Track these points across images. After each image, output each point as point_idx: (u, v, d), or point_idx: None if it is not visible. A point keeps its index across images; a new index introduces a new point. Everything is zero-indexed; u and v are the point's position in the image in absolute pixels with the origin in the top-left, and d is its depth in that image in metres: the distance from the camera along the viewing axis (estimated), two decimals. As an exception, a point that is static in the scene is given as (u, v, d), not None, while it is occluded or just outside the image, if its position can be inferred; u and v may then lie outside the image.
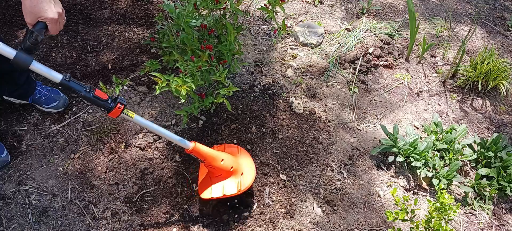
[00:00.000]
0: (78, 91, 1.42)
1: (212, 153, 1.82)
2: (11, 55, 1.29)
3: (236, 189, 1.86)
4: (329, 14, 3.26)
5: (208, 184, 1.92)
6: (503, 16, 3.50)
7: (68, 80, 1.39)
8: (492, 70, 2.70)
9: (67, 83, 1.39)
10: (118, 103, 1.49)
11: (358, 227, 2.03)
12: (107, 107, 1.48)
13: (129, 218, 1.92)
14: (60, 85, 1.40)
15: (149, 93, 2.44)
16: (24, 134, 2.15)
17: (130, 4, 2.98)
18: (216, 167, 1.84)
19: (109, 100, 1.49)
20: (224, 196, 1.85)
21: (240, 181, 1.89)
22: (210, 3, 2.06)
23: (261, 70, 2.72)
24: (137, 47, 2.67)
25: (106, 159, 2.12)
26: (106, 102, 1.48)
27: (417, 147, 2.27)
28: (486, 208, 2.21)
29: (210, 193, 1.87)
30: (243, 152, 2.06)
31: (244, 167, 1.96)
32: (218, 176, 1.90)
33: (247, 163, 1.99)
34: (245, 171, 1.94)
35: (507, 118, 2.73)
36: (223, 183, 1.88)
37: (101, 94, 1.47)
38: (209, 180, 1.94)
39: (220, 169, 1.86)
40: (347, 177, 2.23)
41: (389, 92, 2.74)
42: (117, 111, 1.50)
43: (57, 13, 1.32)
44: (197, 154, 1.77)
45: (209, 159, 1.81)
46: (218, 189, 1.87)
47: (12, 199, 1.92)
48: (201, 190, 1.93)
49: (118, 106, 1.49)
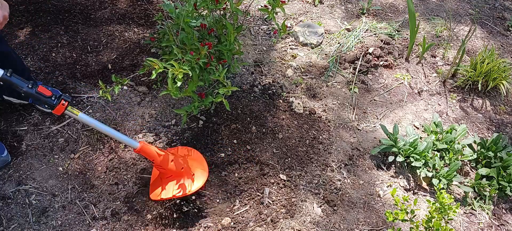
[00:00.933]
0: (20, 86, 1.40)
1: (161, 154, 1.78)
2: None
3: (187, 190, 1.83)
4: (329, 14, 3.26)
5: (158, 185, 1.89)
6: (503, 16, 3.50)
7: (10, 75, 1.38)
8: (492, 70, 2.70)
9: (8, 78, 1.37)
10: (62, 99, 1.46)
11: (358, 227, 2.03)
12: (51, 104, 1.45)
13: (129, 218, 1.92)
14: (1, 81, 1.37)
15: (149, 93, 2.44)
16: (24, 134, 2.15)
17: (130, 4, 2.98)
18: (165, 167, 1.81)
19: (52, 97, 1.46)
20: (174, 197, 1.84)
21: (191, 182, 1.86)
22: (210, 3, 2.06)
23: (261, 70, 2.72)
24: (137, 47, 2.67)
25: (106, 159, 2.12)
26: (49, 99, 1.45)
27: (417, 147, 2.27)
28: (486, 208, 2.21)
29: (159, 195, 1.85)
30: (195, 153, 2.04)
31: (196, 168, 1.93)
32: (168, 177, 1.87)
33: (199, 164, 1.96)
34: (197, 172, 1.90)
35: (507, 118, 2.73)
36: (173, 184, 1.86)
37: (45, 90, 1.43)
38: (159, 180, 1.91)
39: (169, 170, 1.83)
40: (347, 177, 2.23)
41: (389, 92, 2.74)
42: (61, 108, 1.47)
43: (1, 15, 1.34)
44: (145, 154, 1.74)
45: (158, 160, 1.77)
46: (168, 191, 1.84)
47: (12, 199, 1.92)
48: (151, 191, 1.91)
49: (61, 103, 1.46)
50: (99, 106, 2.33)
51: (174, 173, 1.86)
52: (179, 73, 1.80)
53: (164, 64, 1.83)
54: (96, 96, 2.36)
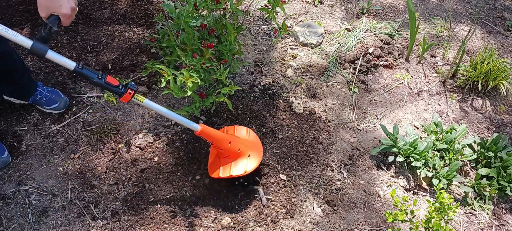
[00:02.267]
0: (91, 77, 1.51)
1: (220, 135, 1.92)
2: (28, 45, 1.38)
3: (243, 170, 1.94)
4: (329, 14, 3.26)
5: (217, 165, 2.01)
6: (503, 16, 3.50)
7: (81, 67, 1.48)
8: (492, 70, 2.70)
9: (80, 70, 1.48)
10: (128, 88, 1.57)
11: (358, 227, 2.03)
12: (119, 93, 1.56)
13: (129, 218, 1.92)
14: (74, 73, 1.48)
15: (149, 93, 2.44)
16: (24, 134, 2.15)
17: (130, 4, 2.98)
18: (224, 148, 1.94)
19: (120, 86, 1.57)
20: (231, 176, 1.93)
21: (247, 163, 1.96)
22: (210, 3, 2.06)
23: (261, 70, 2.72)
24: (137, 47, 2.67)
25: (106, 159, 2.12)
26: (117, 88, 1.56)
27: (417, 147, 2.27)
28: (486, 208, 2.21)
29: (218, 173, 1.96)
30: (251, 134, 2.14)
31: (251, 149, 2.03)
32: (226, 157, 1.99)
33: (255, 145, 2.07)
34: (252, 153, 2.01)
35: (507, 118, 2.73)
36: (231, 164, 1.97)
37: (112, 80, 1.55)
38: (218, 160, 2.03)
39: (227, 151, 1.96)
40: (347, 177, 2.23)
41: (389, 92, 2.74)
42: (128, 96, 1.58)
43: (70, 8, 1.39)
44: (206, 136, 1.85)
45: (217, 141, 1.90)
46: (226, 170, 1.96)
47: (12, 199, 1.92)
48: (210, 170, 2.03)
49: (128, 92, 1.57)
50: (99, 106, 2.33)
51: (231, 154, 1.97)
52: (189, 81, 1.83)
53: (173, 72, 1.85)
54: (96, 96, 2.36)
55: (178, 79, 1.83)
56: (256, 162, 1.98)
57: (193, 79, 1.84)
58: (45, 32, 1.39)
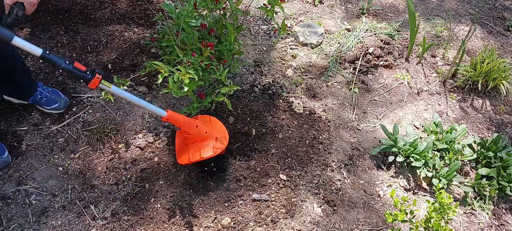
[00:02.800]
0: (58, 63, 1.49)
1: (187, 120, 1.91)
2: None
3: (212, 151, 1.95)
4: (329, 14, 3.26)
5: (185, 150, 2.01)
6: (503, 16, 3.50)
7: (48, 53, 1.47)
8: (492, 70, 2.70)
9: (47, 56, 1.47)
10: (96, 73, 1.56)
11: (358, 227, 2.03)
12: (86, 79, 1.55)
13: (129, 218, 1.92)
14: (41, 59, 1.46)
15: (149, 93, 2.44)
16: (24, 134, 2.15)
17: (130, 4, 2.98)
18: (191, 132, 1.94)
19: (87, 71, 1.55)
20: (201, 158, 1.94)
21: (215, 144, 1.98)
22: (210, 3, 2.06)
23: (261, 70, 2.72)
24: (137, 47, 2.67)
25: (106, 159, 2.12)
26: (85, 74, 1.55)
27: (417, 147, 2.27)
28: (486, 208, 2.21)
29: (188, 158, 1.96)
30: (214, 120, 2.16)
31: (218, 132, 2.06)
32: (194, 142, 1.98)
33: (220, 128, 2.10)
34: (219, 135, 2.03)
35: (507, 118, 2.73)
36: (199, 146, 1.97)
37: (80, 66, 1.54)
38: (185, 146, 2.03)
39: (195, 134, 1.95)
40: (347, 177, 2.23)
41: (389, 92, 2.74)
42: (96, 81, 1.56)
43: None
44: (173, 121, 1.84)
45: (184, 125, 1.89)
46: (196, 153, 1.96)
47: (12, 199, 1.92)
48: (179, 156, 2.03)
49: (96, 77, 1.56)
50: (99, 106, 2.33)
51: (199, 137, 1.98)
52: (186, 78, 1.82)
53: (170, 68, 1.84)
54: (96, 96, 2.36)
55: (175, 76, 1.83)
56: (224, 143, 2.01)
57: (190, 75, 1.84)
58: (12, 17, 1.38)
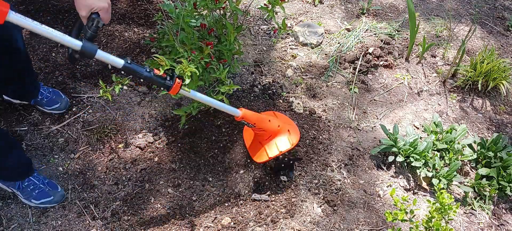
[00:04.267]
0: (140, 73, 1.50)
1: (260, 116, 1.92)
2: (78, 47, 1.35)
3: (289, 143, 1.94)
4: (329, 14, 3.26)
5: (259, 147, 2.01)
6: (503, 16, 3.50)
7: (130, 63, 1.47)
8: (492, 70, 2.70)
9: (129, 66, 1.47)
10: (176, 78, 1.55)
11: (358, 227, 2.03)
12: (167, 86, 1.55)
13: (129, 218, 1.92)
14: (123, 70, 1.47)
15: (149, 93, 2.44)
16: (24, 134, 2.15)
17: (130, 4, 2.98)
18: (265, 128, 1.94)
19: (167, 78, 1.56)
20: (280, 153, 1.94)
21: (289, 137, 1.97)
22: (209, 3, 2.05)
23: (261, 70, 2.72)
24: (137, 47, 2.67)
25: (106, 159, 2.12)
26: (165, 80, 1.55)
27: (417, 147, 2.27)
28: (486, 208, 2.21)
29: (266, 155, 1.95)
30: (279, 114, 2.16)
31: (288, 125, 2.05)
32: (268, 138, 1.98)
33: (288, 121, 2.10)
34: (290, 128, 2.02)
35: (507, 118, 2.73)
36: (275, 141, 1.96)
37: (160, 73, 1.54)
38: (259, 143, 2.02)
39: (269, 130, 1.96)
40: (347, 177, 2.23)
41: (389, 92, 2.74)
42: (177, 86, 1.55)
43: (107, 1, 1.40)
44: (247, 119, 1.85)
45: (258, 122, 1.90)
46: (273, 149, 1.95)
47: (12, 199, 1.92)
48: (254, 155, 2.02)
49: (177, 82, 1.55)
50: (99, 106, 2.33)
51: (273, 132, 1.97)
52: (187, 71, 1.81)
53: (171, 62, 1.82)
54: (96, 96, 2.36)
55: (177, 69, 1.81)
56: (297, 135, 1.99)
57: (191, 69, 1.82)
58: (92, 29, 1.38)
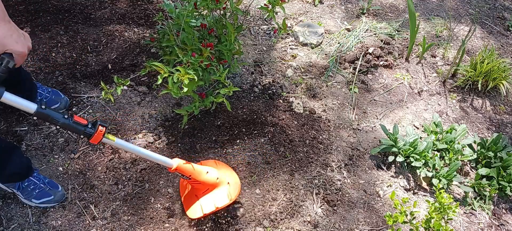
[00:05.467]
0: (56, 119, 1.32)
1: (196, 168, 1.74)
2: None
3: (228, 199, 1.78)
4: (329, 14, 3.26)
5: (194, 200, 1.83)
6: (503, 16, 3.50)
7: (44, 108, 1.29)
8: (492, 70, 2.70)
9: (43, 111, 1.29)
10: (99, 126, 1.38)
11: (358, 227, 2.03)
12: (88, 134, 1.38)
13: (129, 218, 1.92)
14: (36, 115, 1.29)
15: (149, 93, 2.44)
16: (24, 134, 2.15)
17: (130, 4, 2.98)
18: (202, 181, 1.76)
19: (89, 125, 1.39)
20: (217, 209, 1.78)
21: (229, 190, 1.81)
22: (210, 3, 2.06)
23: (261, 70, 2.72)
24: (137, 47, 2.67)
25: (106, 159, 2.12)
26: (86, 128, 1.38)
27: (417, 147, 2.27)
28: (486, 208, 2.21)
29: (201, 210, 1.79)
30: (220, 163, 2.01)
31: (228, 176, 1.89)
32: (205, 191, 1.82)
33: (228, 172, 1.93)
34: (230, 181, 1.87)
35: (507, 118, 2.73)
36: (212, 195, 1.80)
37: (80, 119, 1.37)
38: (194, 197, 1.85)
39: (206, 183, 1.79)
40: (347, 177, 2.23)
41: (389, 92, 2.74)
42: (99, 135, 1.39)
43: (27, 48, 1.30)
44: (182, 171, 1.70)
45: (195, 174, 1.73)
46: (209, 204, 1.79)
47: (12, 199, 1.92)
48: (187, 208, 1.84)
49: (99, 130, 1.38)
50: (99, 106, 2.33)
51: (210, 185, 1.81)
52: (185, 78, 1.80)
53: (169, 69, 1.83)
54: (96, 96, 2.36)
55: (175, 77, 1.81)
56: (237, 187, 1.84)
57: (190, 76, 1.82)
58: (1, 69, 1.21)
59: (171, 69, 1.85)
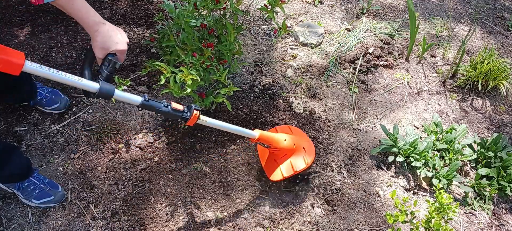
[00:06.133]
0: (158, 108, 1.47)
1: (275, 136, 1.92)
2: (95, 89, 1.33)
3: (304, 163, 1.95)
4: (329, 14, 3.26)
5: (275, 166, 2.00)
6: (503, 16, 3.50)
7: (148, 100, 1.44)
8: (492, 70, 2.70)
9: (147, 103, 1.44)
10: (193, 110, 1.53)
11: (358, 227, 2.03)
12: (185, 118, 1.53)
13: (129, 218, 1.92)
14: (141, 106, 1.43)
15: (149, 93, 2.44)
16: (24, 134, 2.15)
17: (130, 4, 2.98)
18: (281, 148, 1.94)
19: (185, 110, 1.54)
20: (295, 172, 1.95)
21: (304, 155, 1.98)
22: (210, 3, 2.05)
23: (261, 70, 2.72)
24: (137, 47, 2.67)
25: (106, 159, 2.12)
26: (183, 113, 1.53)
27: (417, 147, 2.27)
28: (486, 208, 2.21)
29: (281, 174, 1.96)
30: (295, 129, 2.15)
31: (303, 142, 2.04)
32: (283, 156, 1.99)
33: (303, 138, 2.09)
34: (305, 145, 2.02)
35: (507, 118, 2.73)
36: (290, 160, 1.97)
37: (178, 106, 1.52)
38: (274, 162, 2.02)
39: (284, 149, 1.96)
40: (347, 177, 2.23)
41: (389, 92, 2.74)
42: (195, 118, 1.55)
43: (126, 43, 1.39)
44: (263, 140, 1.86)
45: (274, 142, 1.90)
46: (288, 168, 1.96)
47: (12, 199, 1.92)
48: (269, 173, 2.01)
49: (194, 114, 1.54)
50: (99, 106, 2.33)
51: (288, 151, 1.98)
52: (188, 79, 1.82)
53: (172, 69, 1.84)
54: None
55: (178, 77, 1.83)
56: (312, 153, 2.00)
57: (193, 77, 1.84)
58: (109, 70, 1.38)
59: (174, 70, 1.86)
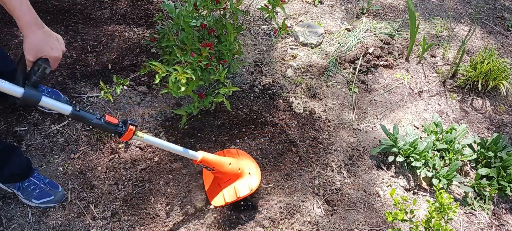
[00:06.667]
0: (89, 119, 1.41)
1: (220, 159, 1.85)
2: (18, 94, 1.23)
3: (248, 189, 1.88)
4: (329, 14, 3.26)
5: (218, 190, 1.94)
6: (503, 16, 3.50)
7: (78, 110, 1.39)
8: (492, 70, 2.70)
9: (78, 113, 1.38)
10: (129, 125, 1.47)
11: (358, 227, 2.03)
12: (119, 133, 1.47)
13: (129, 218, 1.92)
14: (71, 117, 1.38)
15: (149, 93, 2.44)
16: (24, 134, 2.15)
17: (130, 4, 2.98)
18: (225, 172, 1.87)
19: (119, 124, 1.48)
20: (238, 198, 1.87)
21: (250, 181, 1.91)
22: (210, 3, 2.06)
23: (261, 70, 2.72)
24: (137, 47, 2.67)
25: (106, 159, 2.12)
26: (117, 127, 1.47)
27: (417, 147, 2.27)
28: (486, 208, 2.21)
29: (223, 199, 1.89)
30: (242, 153, 2.08)
31: (249, 167, 1.97)
32: (227, 181, 1.92)
33: (250, 162, 2.01)
34: (251, 171, 1.96)
35: (507, 118, 2.73)
36: (234, 186, 1.90)
37: (112, 119, 1.46)
38: (218, 186, 1.95)
39: (229, 173, 1.89)
40: (347, 177, 2.23)
41: (389, 92, 2.74)
42: (130, 133, 1.48)
43: (61, 51, 1.33)
44: (206, 163, 1.79)
45: (218, 166, 1.83)
46: (231, 193, 1.89)
47: (12, 199, 1.92)
48: (212, 198, 1.95)
49: (129, 129, 1.47)
50: (99, 106, 2.33)
51: (233, 176, 1.91)
52: (183, 77, 1.81)
53: (167, 68, 1.84)
54: (96, 96, 2.36)
55: (172, 76, 1.82)
56: (258, 178, 1.93)
57: (187, 75, 1.83)
58: (38, 75, 1.27)
59: (169, 69, 1.85)
